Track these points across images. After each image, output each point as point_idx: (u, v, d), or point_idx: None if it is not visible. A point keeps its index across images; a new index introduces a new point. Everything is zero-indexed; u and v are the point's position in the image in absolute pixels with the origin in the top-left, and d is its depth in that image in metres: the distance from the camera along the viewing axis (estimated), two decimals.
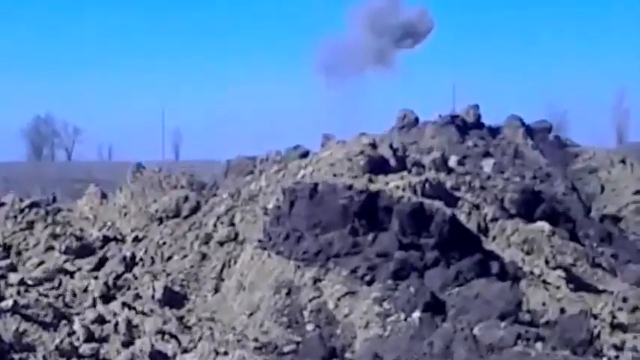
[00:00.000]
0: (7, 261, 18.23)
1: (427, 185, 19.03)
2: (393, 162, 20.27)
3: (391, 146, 20.64)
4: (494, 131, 26.66)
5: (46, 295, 16.51)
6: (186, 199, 20.50)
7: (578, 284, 18.42)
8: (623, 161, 29.83)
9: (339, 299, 16.33)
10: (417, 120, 26.31)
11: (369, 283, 16.33)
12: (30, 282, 17.12)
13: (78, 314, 15.85)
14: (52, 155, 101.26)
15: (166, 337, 15.62)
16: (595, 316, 16.75)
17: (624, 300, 18.42)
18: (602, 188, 28.54)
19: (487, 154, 24.78)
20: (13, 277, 16.98)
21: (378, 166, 19.95)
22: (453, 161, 22.12)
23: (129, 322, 15.66)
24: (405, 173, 19.85)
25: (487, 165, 23.82)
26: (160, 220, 20.33)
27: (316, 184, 17.63)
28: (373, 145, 20.27)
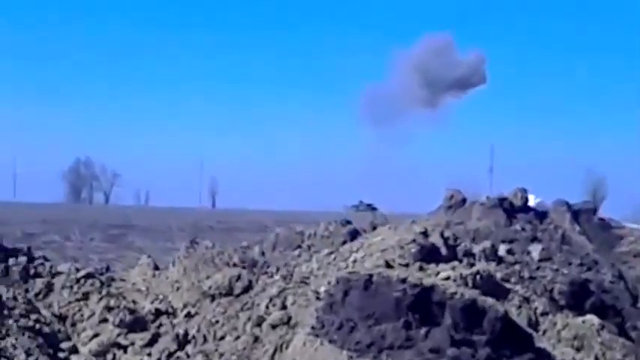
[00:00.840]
0: (70, 343, 18.61)
1: (478, 277, 19.23)
2: (444, 251, 20.54)
3: (442, 235, 20.91)
4: (541, 215, 26.80)
5: None
6: (238, 277, 20.85)
7: None
8: None
9: None
10: (464, 200, 26.53)
11: None
12: None
13: None
14: (90, 198, 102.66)
15: None
16: None
17: None
18: None
19: (535, 239, 24.91)
20: None
21: (429, 255, 20.23)
22: (502, 250, 22.32)
23: None
24: (456, 263, 20.09)
25: (535, 251, 23.92)
26: (213, 298, 20.68)
27: (371, 276, 17.89)
28: (425, 234, 20.57)
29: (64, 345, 18.54)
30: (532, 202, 32.29)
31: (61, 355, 18.09)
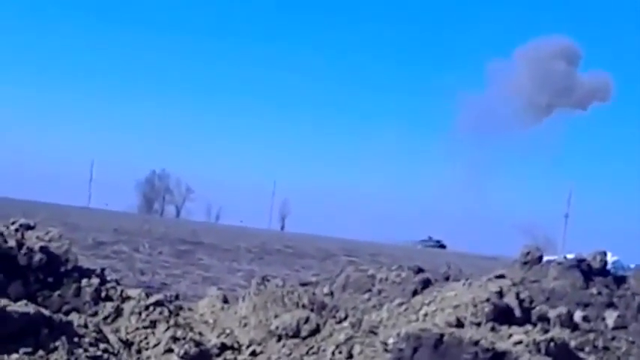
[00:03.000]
0: None
1: (552, 344, 18.72)
2: (518, 312, 20.08)
3: (517, 296, 20.46)
4: (620, 280, 26.12)
5: None
6: (307, 320, 20.70)
7: None
8: None
9: None
10: (540, 258, 26.03)
11: None
12: None
13: None
14: (161, 210, 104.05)
15: None
16: None
17: None
18: None
19: (611, 305, 24.27)
20: None
21: (502, 315, 19.80)
22: (578, 316, 21.76)
23: None
24: (529, 327, 19.60)
25: (610, 317, 23.29)
26: (279, 338, 20.57)
27: (442, 335, 17.56)
28: (500, 293, 20.16)
29: None
30: (610, 260, 31.50)
31: None
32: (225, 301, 22.73)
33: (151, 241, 67.08)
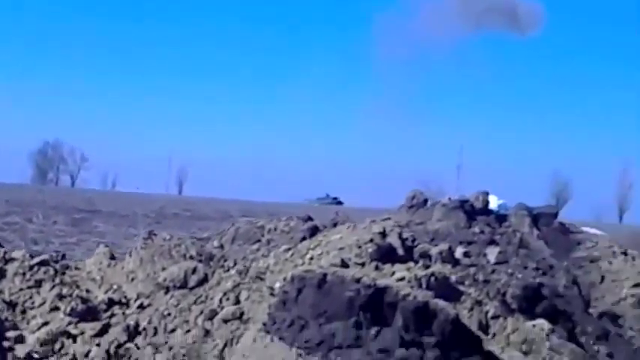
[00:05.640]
0: (16, 332, 18.46)
1: (433, 279, 19.30)
2: (401, 251, 20.59)
3: (400, 235, 20.97)
4: (501, 218, 26.94)
5: None
6: (194, 270, 20.79)
7: None
8: (624, 252, 30.04)
9: None
10: (425, 201, 26.60)
11: None
12: (36, 355, 17.35)
13: None
14: (56, 180, 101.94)
15: None
16: None
17: None
18: (602, 279, 28.73)
19: (492, 242, 25.02)
20: (20, 350, 17.23)
21: (386, 255, 20.28)
22: (459, 253, 22.41)
23: None
24: (411, 264, 20.15)
25: (492, 253, 24.03)
26: (167, 290, 20.61)
27: (325, 274, 17.90)
28: (383, 234, 20.61)
29: (10, 334, 18.38)
30: (495, 203, 32.45)
31: (6, 344, 17.93)
32: (113, 257, 22.61)
33: (44, 211, 65.61)
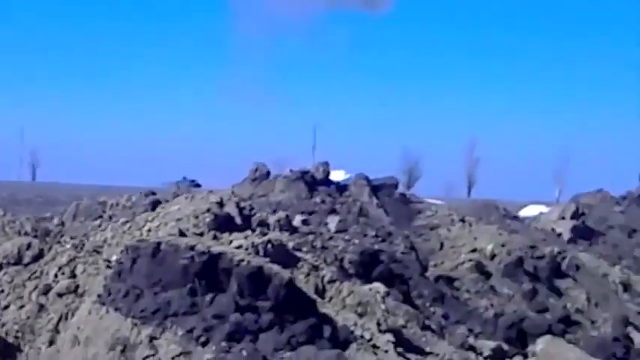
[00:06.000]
0: None
1: (269, 246, 19.63)
2: (238, 220, 20.84)
3: (238, 205, 21.20)
4: (342, 189, 27.64)
5: None
6: (29, 246, 20.43)
7: (407, 347, 19.35)
8: (462, 220, 31.31)
9: (173, 359, 16.65)
10: (268, 173, 27.02)
11: (204, 344, 16.71)
12: None
13: None
14: None
15: None
16: None
17: None
18: (442, 245, 29.86)
19: (333, 211, 25.65)
20: None
21: (224, 224, 20.49)
22: (297, 220, 22.87)
23: None
24: (249, 232, 20.42)
25: (332, 222, 24.66)
26: (0, 267, 20.18)
27: (159, 243, 17.93)
28: (220, 204, 20.79)
29: None
30: (342, 177, 33.20)
31: None
32: None
33: None
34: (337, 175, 31.66)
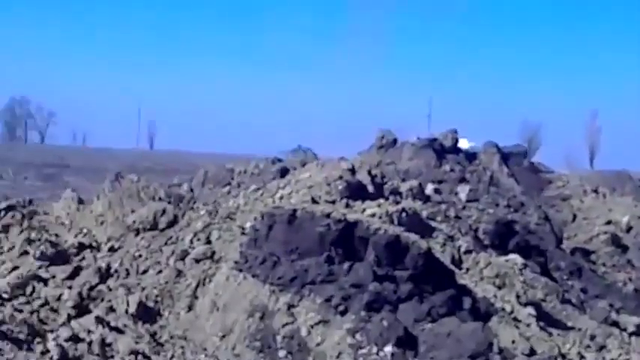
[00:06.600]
0: None
1: (403, 215, 19.22)
2: (371, 188, 20.47)
3: (369, 172, 20.83)
4: (471, 157, 26.95)
5: (21, 311, 16.49)
6: (163, 212, 20.55)
7: (547, 321, 18.73)
8: (595, 190, 30.23)
9: (312, 327, 16.47)
10: (395, 141, 26.52)
11: (343, 313, 16.48)
12: (5, 295, 17.11)
13: (52, 331, 15.85)
14: (25, 137, 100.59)
15: (139, 357, 15.68)
16: (563, 356, 17.06)
17: (592, 338, 18.78)
18: (574, 217, 28.91)
19: (463, 180, 25.04)
20: None
21: (355, 192, 20.16)
22: (429, 189, 22.37)
23: (102, 341, 15.71)
24: (382, 201, 20.04)
25: (463, 191, 24.07)
26: (137, 232, 20.37)
27: (295, 210, 17.74)
28: (352, 171, 20.46)
29: None
30: (466, 145, 32.46)
31: None
32: (81, 202, 22.31)
33: (14, 167, 64.95)
34: (461, 144, 30.95)
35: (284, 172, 24.10)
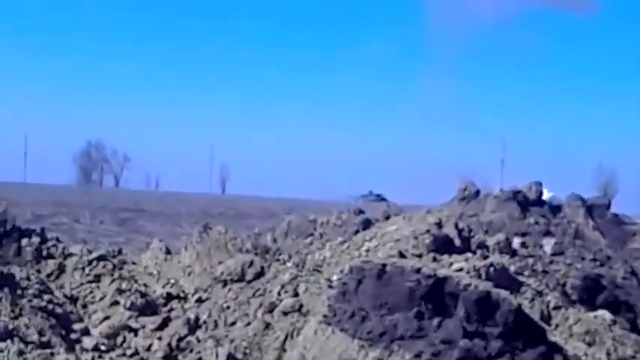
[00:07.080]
0: (82, 324, 18.61)
1: (492, 269, 19.14)
2: (457, 242, 20.46)
3: (456, 226, 20.82)
4: (555, 209, 26.69)
5: None
6: (251, 263, 20.80)
7: None
8: None
9: None
10: (477, 193, 26.44)
11: None
12: (103, 347, 17.49)
13: None
14: (100, 181, 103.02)
15: None
16: None
17: None
18: None
19: (548, 233, 24.80)
20: (88, 342, 17.36)
21: (442, 245, 20.15)
22: (516, 243, 22.23)
23: None
24: (469, 255, 20.00)
25: (548, 244, 23.82)
26: (224, 283, 20.65)
27: (384, 265, 17.81)
28: (439, 224, 20.49)
29: (77, 326, 18.53)
30: (545, 196, 32.16)
31: (74, 336, 18.08)
32: (168, 252, 22.71)
33: (91, 212, 66.28)
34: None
35: (367, 224, 24.23)
